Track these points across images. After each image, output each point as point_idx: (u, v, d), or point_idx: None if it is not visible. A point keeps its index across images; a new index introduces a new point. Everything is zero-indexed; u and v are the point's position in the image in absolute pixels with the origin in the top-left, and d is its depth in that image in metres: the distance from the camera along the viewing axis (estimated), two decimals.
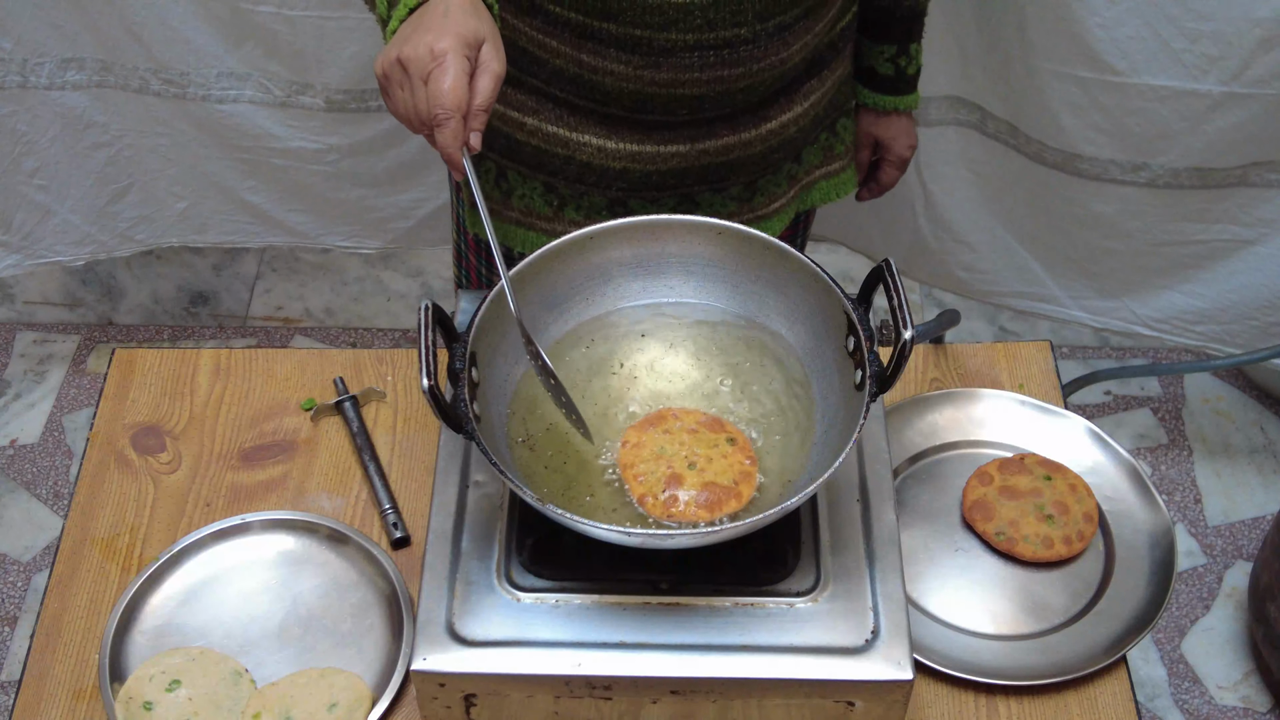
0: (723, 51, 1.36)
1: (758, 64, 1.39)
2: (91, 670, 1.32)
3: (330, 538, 1.40)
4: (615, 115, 1.43)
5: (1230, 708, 2.25)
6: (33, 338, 2.79)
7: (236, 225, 2.47)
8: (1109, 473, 1.49)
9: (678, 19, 1.33)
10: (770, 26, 1.37)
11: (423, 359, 1.11)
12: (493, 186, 1.54)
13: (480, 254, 1.68)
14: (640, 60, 1.36)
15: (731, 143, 1.46)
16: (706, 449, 1.20)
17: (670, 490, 1.18)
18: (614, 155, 1.45)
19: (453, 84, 1.12)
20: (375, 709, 1.27)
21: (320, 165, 2.33)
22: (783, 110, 1.49)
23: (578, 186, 1.49)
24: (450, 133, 1.14)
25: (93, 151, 2.33)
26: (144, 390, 1.56)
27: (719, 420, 1.24)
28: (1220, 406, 2.66)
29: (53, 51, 2.18)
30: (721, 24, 1.34)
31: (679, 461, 1.19)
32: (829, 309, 1.23)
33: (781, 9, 1.37)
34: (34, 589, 2.37)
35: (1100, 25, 1.90)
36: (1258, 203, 2.11)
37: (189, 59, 2.17)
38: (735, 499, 1.18)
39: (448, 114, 1.13)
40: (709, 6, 1.32)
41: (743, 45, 1.37)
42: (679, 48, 1.35)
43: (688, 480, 1.18)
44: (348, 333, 2.81)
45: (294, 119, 2.26)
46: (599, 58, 1.37)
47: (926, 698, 1.31)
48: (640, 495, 1.18)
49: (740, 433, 1.23)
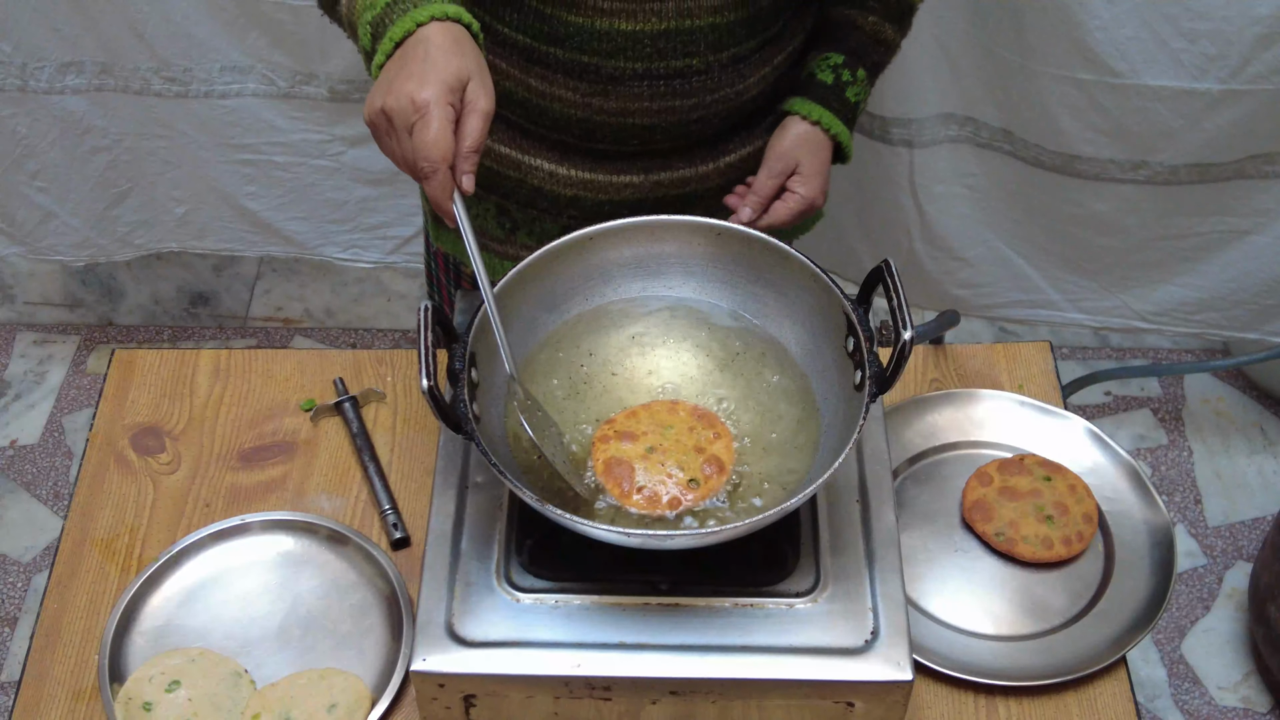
0: (674, 81, 1.33)
1: (711, 95, 1.36)
2: (91, 671, 1.32)
3: (330, 538, 1.40)
4: (566, 142, 1.40)
5: (1230, 708, 2.25)
6: (33, 338, 2.79)
7: (235, 233, 2.48)
8: (1109, 473, 1.49)
9: (626, 46, 1.30)
10: (724, 58, 1.34)
11: (422, 360, 1.11)
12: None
13: (449, 273, 1.66)
14: (587, 87, 1.34)
15: (688, 175, 1.43)
16: (671, 435, 1.20)
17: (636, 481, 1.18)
18: (565, 182, 1.42)
19: (435, 136, 1.10)
20: (375, 710, 1.27)
21: (323, 159, 2.33)
22: (742, 144, 1.45)
23: (529, 211, 1.46)
24: (437, 185, 1.12)
25: (92, 155, 2.33)
26: (144, 391, 1.56)
27: (675, 404, 1.24)
28: (1220, 407, 2.66)
29: (52, 56, 2.18)
30: (672, 54, 1.31)
31: (637, 452, 1.19)
32: (828, 309, 1.23)
33: (736, 40, 1.33)
34: (34, 589, 2.37)
35: (1100, 27, 1.90)
36: (1254, 193, 2.12)
37: (191, 54, 2.18)
38: (716, 471, 1.18)
39: (433, 166, 1.10)
40: (658, 36, 1.29)
41: (695, 76, 1.33)
42: (627, 76, 1.32)
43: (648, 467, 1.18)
44: (347, 333, 2.81)
45: (297, 110, 2.26)
46: (547, 83, 1.34)
47: (926, 698, 1.31)
48: (617, 494, 1.18)
49: (706, 410, 1.23)
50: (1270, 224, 2.16)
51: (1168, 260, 2.23)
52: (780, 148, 1.42)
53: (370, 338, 2.80)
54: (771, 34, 1.37)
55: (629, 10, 1.29)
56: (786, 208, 1.41)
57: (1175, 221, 2.17)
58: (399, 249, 2.51)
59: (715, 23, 1.32)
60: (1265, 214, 2.14)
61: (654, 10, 1.29)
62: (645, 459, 1.19)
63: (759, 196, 1.41)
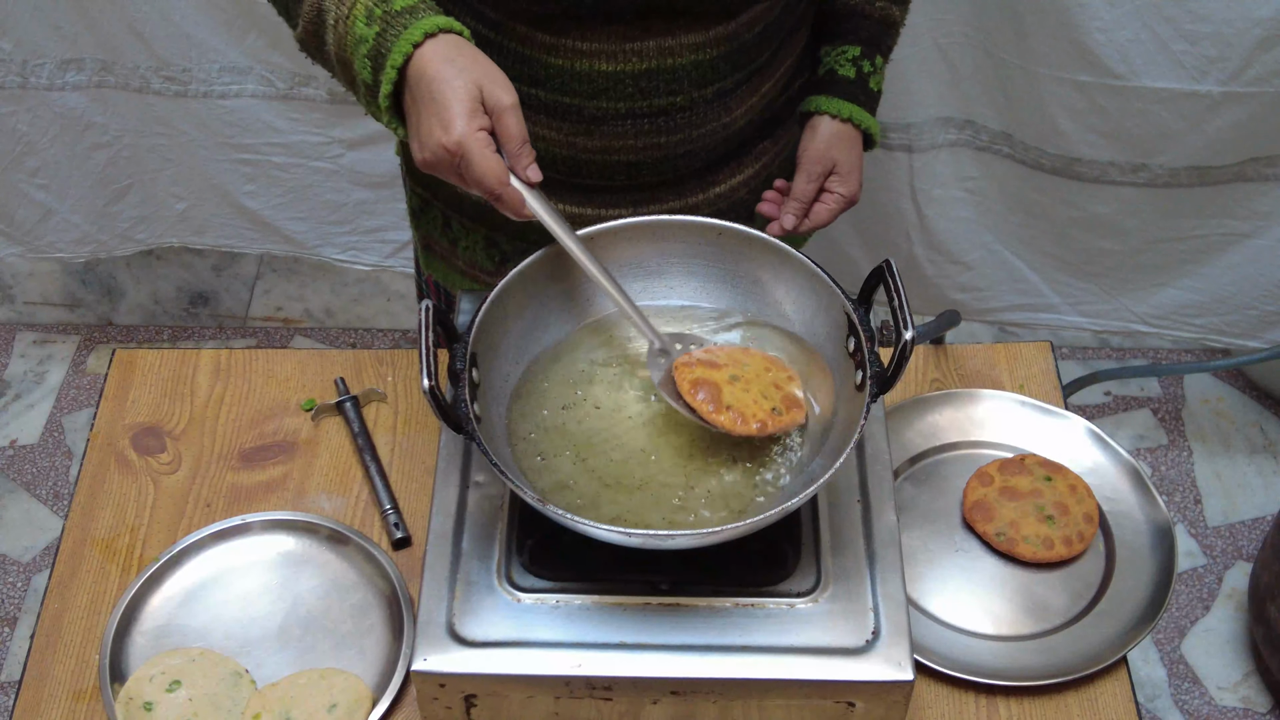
0: (658, 119, 1.32)
1: (697, 130, 1.35)
2: (91, 671, 1.32)
3: (330, 538, 1.40)
4: (552, 178, 1.38)
5: (1230, 708, 2.25)
6: (33, 338, 2.79)
7: (235, 230, 2.48)
8: (1109, 473, 1.49)
9: (608, 87, 1.29)
10: (709, 93, 1.32)
11: (423, 359, 1.11)
12: (440, 234, 1.53)
13: (439, 298, 1.66)
14: (570, 127, 1.33)
15: (677, 207, 1.41)
16: (749, 370, 1.22)
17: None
18: None
19: (481, 170, 1.12)
20: (375, 710, 1.27)
21: (322, 161, 2.33)
22: (732, 174, 1.44)
23: (519, 244, 1.46)
24: (506, 205, 1.15)
25: (92, 152, 2.33)
26: (144, 391, 1.56)
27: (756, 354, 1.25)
28: (1220, 407, 2.66)
29: (52, 53, 2.19)
30: (655, 93, 1.30)
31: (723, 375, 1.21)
32: (829, 309, 1.23)
33: (720, 75, 1.32)
34: (34, 589, 2.37)
35: (1100, 29, 1.90)
36: (1254, 196, 2.12)
37: (191, 54, 2.18)
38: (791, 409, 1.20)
39: (494, 192, 1.13)
40: (640, 75, 1.28)
41: (679, 113, 1.32)
42: (611, 116, 1.31)
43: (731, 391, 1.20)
44: (347, 333, 2.81)
45: (296, 111, 2.26)
46: (530, 123, 1.32)
47: (927, 698, 1.31)
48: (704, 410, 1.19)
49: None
50: (1270, 227, 2.16)
51: (1168, 263, 2.24)
52: (815, 150, 1.40)
53: (370, 337, 2.80)
54: (758, 65, 1.36)
55: (609, 52, 1.28)
56: (828, 209, 1.40)
57: (1175, 224, 2.17)
58: (397, 253, 2.51)
59: (698, 60, 1.30)
60: (1265, 217, 2.15)
61: (634, 51, 1.28)
62: (730, 385, 1.19)
63: (800, 202, 1.40)
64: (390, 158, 2.33)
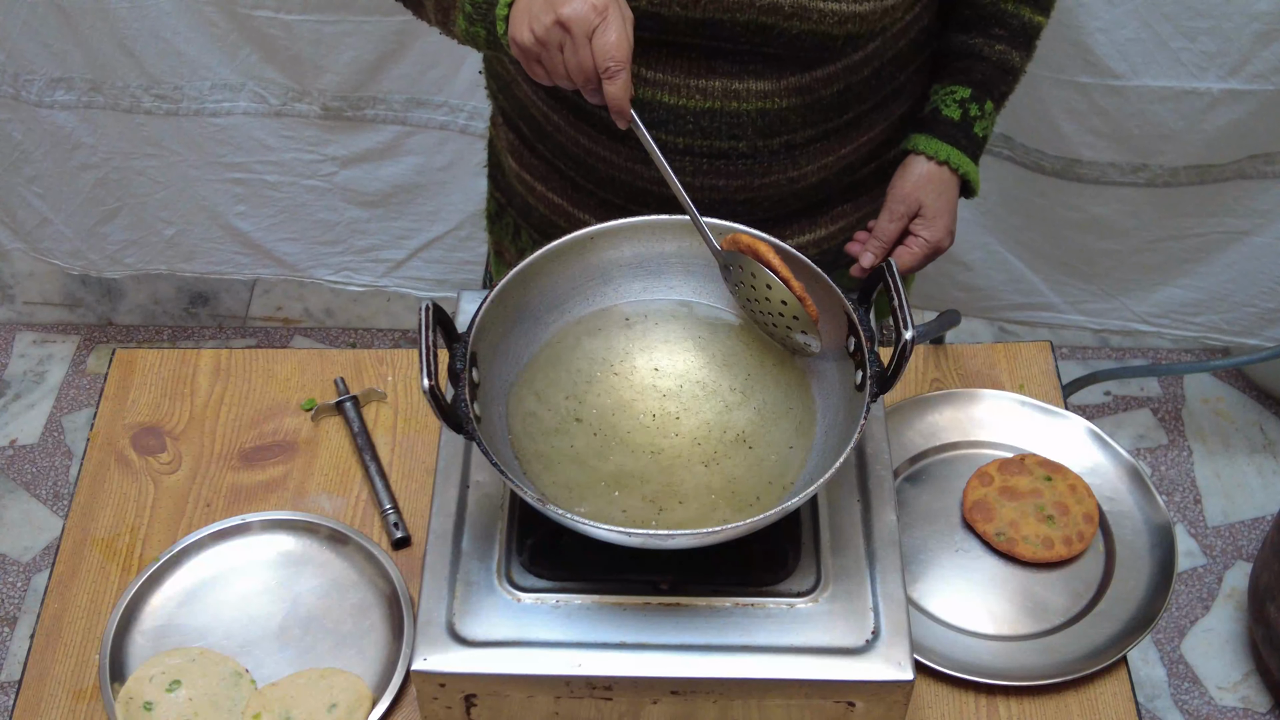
0: (717, 161, 1.31)
1: (760, 179, 1.33)
2: (91, 670, 1.32)
3: (330, 538, 1.40)
4: (612, 202, 1.38)
5: (1230, 708, 2.25)
6: (33, 338, 2.79)
7: (225, 254, 2.45)
8: (1109, 473, 1.49)
9: (668, 120, 1.29)
10: (775, 144, 1.30)
11: (423, 359, 1.11)
12: (510, 242, 1.53)
13: None
14: (629, 152, 1.33)
15: None
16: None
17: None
18: None
19: (618, 37, 1.12)
20: (375, 709, 1.27)
21: (314, 179, 2.31)
22: (802, 230, 1.41)
23: None
24: (620, 85, 1.14)
25: (81, 172, 2.30)
26: (144, 391, 1.56)
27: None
28: (1220, 407, 2.66)
29: (42, 70, 2.15)
30: (716, 134, 1.29)
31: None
32: (830, 309, 1.23)
33: (789, 128, 1.30)
34: (34, 589, 2.37)
35: (1100, 29, 1.90)
36: (1254, 194, 2.12)
37: (182, 71, 2.15)
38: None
39: (619, 65, 1.13)
40: (702, 114, 1.27)
41: (740, 159, 1.30)
42: (670, 150, 1.30)
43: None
44: (347, 333, 2.81)
45: (289, 128, 2.23)
46: (594, 142, 1.33)
47: (927, 698, 1.31)
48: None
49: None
50: (1270, 224, 2.16)
51: (1168, 262, 2.24)
52: (902, 189, 1.37)
53: (370, 337, 2.80)
54: (837, 125, 1.32)
55: (673, 85, 1.28)
56: (910, 253, 1.37)
57: (1175, 223, 2.17)
58: (390, 273, 2.48)
59: (764, 108, 1.29)
60: (1265, 214, 2.15)
61: (699, 89, 1.27)
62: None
63: (881, 241, 1.37)
64: (384, 175, 2.30)
